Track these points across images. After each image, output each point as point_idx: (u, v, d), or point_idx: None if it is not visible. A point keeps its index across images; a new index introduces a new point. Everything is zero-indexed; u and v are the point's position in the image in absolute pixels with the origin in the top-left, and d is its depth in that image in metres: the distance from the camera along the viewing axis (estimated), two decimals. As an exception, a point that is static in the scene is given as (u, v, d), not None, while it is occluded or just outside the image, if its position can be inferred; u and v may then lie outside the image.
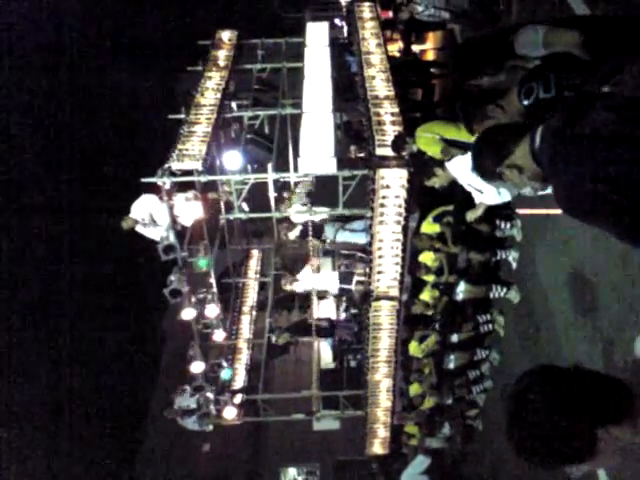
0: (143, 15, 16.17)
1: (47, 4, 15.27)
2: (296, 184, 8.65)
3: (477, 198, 6.33)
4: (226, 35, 10.26)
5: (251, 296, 11.24)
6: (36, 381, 13.37)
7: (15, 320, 13.06)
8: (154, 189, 7.39)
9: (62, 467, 13.66)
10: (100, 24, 16.00)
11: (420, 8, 9.73)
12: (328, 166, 7.51)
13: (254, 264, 11.77)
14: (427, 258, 8.03)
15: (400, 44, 11.49)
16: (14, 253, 13.26)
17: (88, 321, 14.30)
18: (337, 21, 14.59)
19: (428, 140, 6.09)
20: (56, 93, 14.60)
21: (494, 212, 7.39)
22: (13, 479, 12.69)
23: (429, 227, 7.82)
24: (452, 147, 5.69)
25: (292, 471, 16.25)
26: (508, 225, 7.87)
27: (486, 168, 2.43)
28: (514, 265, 8.13)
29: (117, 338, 15.38)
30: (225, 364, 9.38)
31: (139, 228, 7.63)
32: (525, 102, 3.01)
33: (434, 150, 5.96)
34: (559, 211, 6.54)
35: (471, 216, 7.02)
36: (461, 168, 5.68)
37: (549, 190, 2.56)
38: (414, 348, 9.05)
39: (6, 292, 12.87)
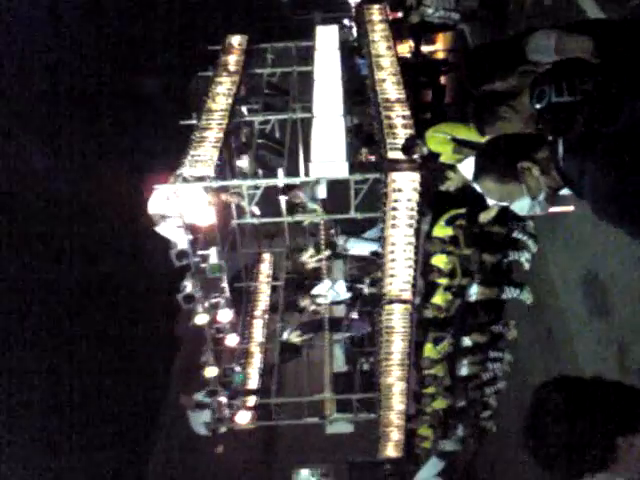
0: (154, 20, 16.23)
1: (60, 8, 15.38)
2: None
3: (490, 200, 6.32)
4: (236, 40, 10.27)
5: (263, 300, 11.24)
6: (42, 382, 13.41)
7: (20, 318, 13.11)
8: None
9: (69, 469, 13.73)
10: (111, 27, 16.08)
11: (430, 10, 9.74)
12: (340, 170, 7.51)
13: (266, 268, 11.77)
14: (440, 261, 8.03)
15: (410, 44, 11.48)
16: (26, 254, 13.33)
17: (98, 324, 14.35)
18: (346, 21, 14.58)
19: (439, 140, 6.08)
20: (63, 95, 14.68)
21: (506, 213, 7.38)
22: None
23: (441, 230, 7.81)
24: (463, 147, 5.67)
25: (305, 472, 16.23)
26: (521, 224, 7.86)
27: (507, 162, 2.26)
28: (527, 266, 8.11)
29: (129, 343, 15.43)
30: (238, 368, 9.40)
31: (159, 229, 7.54)
32: (537, 106, 3.00)
33: (446, 150, 5.94)
34: (571, 209, 6.44)
35: (484, 217, 7.01)
36: (473, 169, 5.67)
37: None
38: (429, 350, 9.03)
39: (11, 292, 12.93)
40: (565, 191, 2.73)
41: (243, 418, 9.40)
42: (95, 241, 14.01)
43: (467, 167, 5.79)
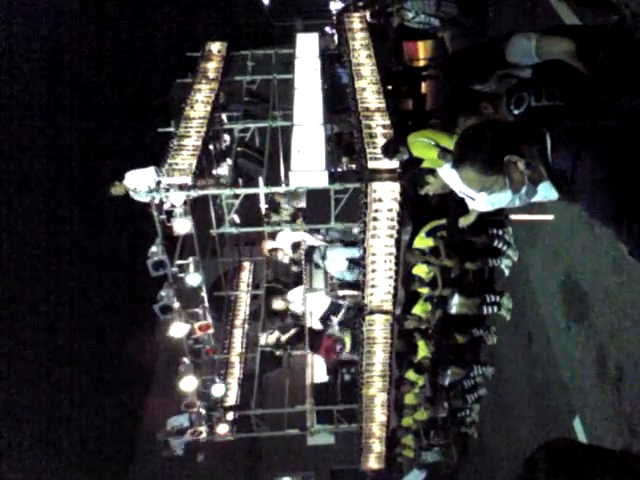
0: (133, 27, 16.13)
1: (43, 18, 15.30)
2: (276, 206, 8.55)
3: (470, 205, 6.27)
4: (215, 47, 10.18)
5: (243, 309, 11.13)
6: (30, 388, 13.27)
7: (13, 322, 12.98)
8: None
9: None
10: (94, 35, 15.99)
11: (410, 15, 9.69)
12: (319, 179, 7.45)
13: (246, 276, 11.67)
14: (421, 270, 7.99)
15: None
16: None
17: (81, 330, 14.25)
18: (327, 29, 14.57)
19: (423, 145, 5.99)
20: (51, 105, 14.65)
21: (485, 220, 7.36)
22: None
23: (422, 242, 7.77)
24: (447, 153, 5.62)
25: (287, 481, 16.11)
26: (500, 232, 7.85)
27: (492, 153, 2.17)
28: (506, 272, 8.11)
29: (111, 347, 15.33)
30: (217, 379, 9.27)
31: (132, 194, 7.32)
32: (515, 111, 2.96)
33: (430, 155, 5.86)
34: (551, 217, 6.44)
35: (464, 222, 6.96)
36: (453, 174, 5.62)
37: (537, 198, 2.46)
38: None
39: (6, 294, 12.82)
40: (543, 199, 2.68)
41: (223, 430, 9.27)
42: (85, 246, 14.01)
43: (447, 171, 5.75)
